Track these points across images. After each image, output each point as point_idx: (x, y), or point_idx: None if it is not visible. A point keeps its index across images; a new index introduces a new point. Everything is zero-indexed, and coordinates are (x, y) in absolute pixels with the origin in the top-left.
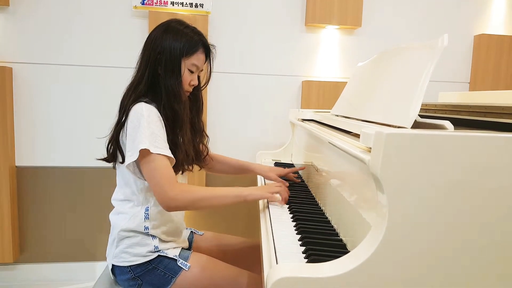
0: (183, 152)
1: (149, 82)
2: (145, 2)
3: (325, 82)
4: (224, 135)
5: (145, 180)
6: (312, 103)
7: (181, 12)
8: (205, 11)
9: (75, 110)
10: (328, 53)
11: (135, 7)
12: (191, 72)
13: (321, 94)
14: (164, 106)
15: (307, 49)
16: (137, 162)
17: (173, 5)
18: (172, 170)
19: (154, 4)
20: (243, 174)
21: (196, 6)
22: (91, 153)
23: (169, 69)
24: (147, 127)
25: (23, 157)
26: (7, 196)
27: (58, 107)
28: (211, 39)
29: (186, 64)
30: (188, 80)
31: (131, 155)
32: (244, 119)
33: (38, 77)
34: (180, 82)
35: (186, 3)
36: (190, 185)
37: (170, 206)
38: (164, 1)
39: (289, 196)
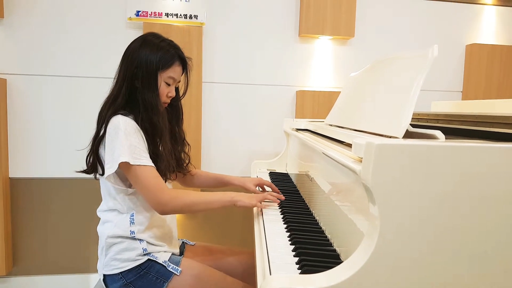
0: (165, 161)
1: (127, 95)
2: (139, 13)
3: (319, 91)
4: (219, 145)
5: (127, 188)
6: (306, 113)
7: (176, 23)
8: (199, 22)
9: (69, 121)
10: (321, 63)
11: (130, 18)
12: (168, 84)
13: (315, 103)
14: (143, 119)
15: (301, 59)
16: (118, 173)
17: (167, 16)
18: (160, 178)
19: (148, 15)
20: (222, 187)
21: (190, 17)
22: (85, 164)
23: (146, 82)
24: (125, 139)
25: (17, 168)
26: (0, 207)
27: (52, 119)
28: (205, 50)
29: (163, 77)
30: (165, 92)
31: (110, 167)
32: (239, 129)
33: (32, 88)
34: (157, 95)
35: (181, 15)
36: (179, 190)
37: (164, 211)
38: (158, 13)
39: (283, 206)
